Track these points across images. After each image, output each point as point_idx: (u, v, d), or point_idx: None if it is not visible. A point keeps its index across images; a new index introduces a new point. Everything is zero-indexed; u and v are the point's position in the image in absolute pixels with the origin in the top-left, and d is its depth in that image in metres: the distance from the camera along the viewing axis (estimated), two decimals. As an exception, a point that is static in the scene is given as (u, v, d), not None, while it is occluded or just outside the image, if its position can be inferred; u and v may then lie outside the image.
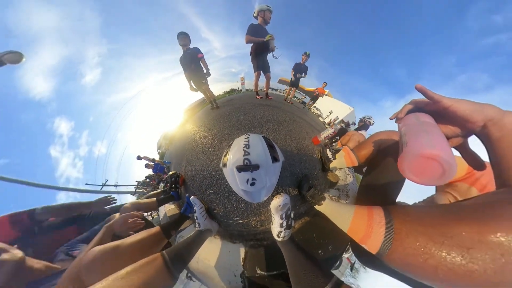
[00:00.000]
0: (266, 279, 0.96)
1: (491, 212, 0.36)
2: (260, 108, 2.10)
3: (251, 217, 1.09)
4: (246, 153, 0.78)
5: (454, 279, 0.36)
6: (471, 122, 0.47)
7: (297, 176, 1.18)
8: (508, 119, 0.44)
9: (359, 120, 2.81)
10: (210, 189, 1.21)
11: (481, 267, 0.33)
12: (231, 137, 1.52)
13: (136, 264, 0.61)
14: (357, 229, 0.60)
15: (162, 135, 2.52)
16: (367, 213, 0.59)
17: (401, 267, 0.45)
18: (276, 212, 0.84)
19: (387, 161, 0.81)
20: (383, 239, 0.49)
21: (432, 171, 0.41)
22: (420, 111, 0.54)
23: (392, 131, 0.94)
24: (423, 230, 0.43)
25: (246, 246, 1.09)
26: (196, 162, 1.47)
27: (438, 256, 0.38)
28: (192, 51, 2.65)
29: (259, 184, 0.75)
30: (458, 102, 0.48)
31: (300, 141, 1.50)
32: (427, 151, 0.40)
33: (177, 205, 1.51)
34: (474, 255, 0.34)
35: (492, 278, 0.32)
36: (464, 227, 0.37)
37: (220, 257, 1.11)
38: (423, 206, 0.51)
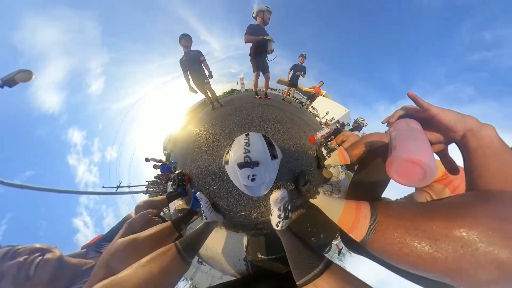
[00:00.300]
0: (266, 262, 1.06)
1: (457, 211, 0.41)
2: (259, 107, 2.14)
3: (252, 210, 1.18)
4: (247, 151, 0.82)
5: (421, 264, 0.42)
6: (453, 131, 0.51)
7: (294, 172, 1.25)
8: (485, 132, 0.48)
9: (354, 121, 2.88)
10: (214, 185, 1.29)
11: (443, 255, 0.38)
12: (232, 136, 1.56)
13: (154, 253, 0.70)
14: (346, 221, 0.65)
15: (167, 137, 2.57)
16: (355, 207, 0.64)
17: (381, 253, 0.51)
18: (275, 204, 0.90)
19: (377, 162, 0.86)
20: (367, 230, 0.54)
21: (415, 174, 0.44)
22: (410, 117, 0.58)
23: (383, 133, 0.98)
24: (402, 223, 0.47)
25: (248, 235, 1.18)
26: (200, 161, 1.54)
27: (411, 245, 0.43)
28: (195, 54, 2.68)
29: (259, 180, 0.80)
30: (444, 112, 0.51)
31: (297, 139, 1.56)
32: (413, 157, 0.43)
33: (185, 200, 1.59)
34: (439, 245, 0.39)
35: (450, 265, 0.37)
36: (435, 223, 0.42)
37: (225, 244, 1.20)
38: (404, 203, 0.57)
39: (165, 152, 2.38)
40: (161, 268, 0.65)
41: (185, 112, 2.89)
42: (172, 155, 2.21)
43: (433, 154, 0.47)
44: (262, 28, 2.51)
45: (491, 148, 0.47)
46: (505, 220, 0.36)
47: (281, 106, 2.48)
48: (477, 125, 0.49)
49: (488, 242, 0.35)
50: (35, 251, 0.80)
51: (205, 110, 2.65)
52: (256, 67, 2.65)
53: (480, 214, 0.38)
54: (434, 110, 0.52)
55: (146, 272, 0.62)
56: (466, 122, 0.49)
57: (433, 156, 0.46)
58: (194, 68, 2.70)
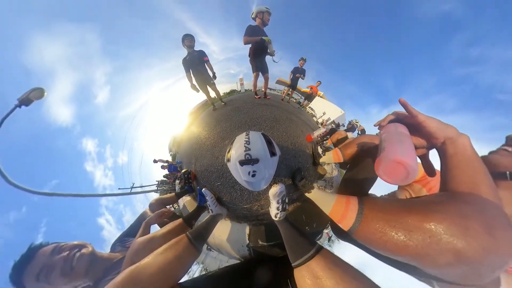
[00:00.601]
0: (266, 248, 1.16)
1: (430, 208, 0.46)
2: (259, 107, 2.19)
3: (253, 203, 1.27)
4: (247, 148, 0.85)
5: (396, 250, 0.47)
6: (435, 138, 0.55)
7: (291, 169, 1.33)
8: (461, 141, 0.52)
9: (348, 122, 2.95)
10: (217, 181, 1.37)
11: (414, 243, 0.44)
12: (233, 135, 1.61)
13: (169, 243, 0.79)
14: (336, 213, 0.70)
15: (172, 138, 2.61)
16: (345, 201, 0.68)
17: (364, 241, 0.56)
18: (273, 198, 0.96)
19: (367, 161, 0.91)
20: (354, 221, 0.59)
21: (400, 174, 0.47)
22: (399, 122, 0.61)
23: (374, 136, 1.04)
24: (384, 216, 0.52)
25: (250, 225, 1.28)
26: (204, 160, 1.61)
27: (389, 235, 0.48)
28: (198, 54, 2.69)
29: (259, 176, 0.85)
30: (429, 120, 0.55)
31: (295, 138, 1.63)
32: (399, 158, 0.46)
33: (192, 196, 1.66)
34: (412, 235, 0.44)
35: (419, 251, 0.43)
36: (410, 217, 0.47)
37: (230, 233, 1.31)
38: (387, 199, 0.62)
39: (171, 153, 2.43)
40: (176, 255, 0.74)
41: (187, 114, 2.90)
42: (177, 155, 2.27)
43: (416, 157, 0.51)
44: (261, 29, 2.48)
45: (465, 156, 0.52)
46: (467, 217, 0.41)
47: (280, 106, 2.52)
48: (455, 134, 0.53)
49: (450, 234, 0.40)
50: (74, 247, 0.94)
51: (206, 111, 2.68)
52: (255, 68, 2.66)
53: (448, 212, 0.43)
54: (421, 117, 0.56)
55: (164, 258, 0.72)
56: (447, 131, 0.54)
57: (416, 158, 0.50)
58: (197, 68, 2.70)
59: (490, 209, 0.44)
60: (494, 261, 0.40)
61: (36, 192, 1.13)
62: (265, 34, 2.48)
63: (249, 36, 2.38)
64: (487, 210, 0.43)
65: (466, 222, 0.40)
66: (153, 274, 0.67)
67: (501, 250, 0.38)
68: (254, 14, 2.49)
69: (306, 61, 3.47)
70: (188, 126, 2.57)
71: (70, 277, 0.88)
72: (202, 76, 2.76)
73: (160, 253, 0.74)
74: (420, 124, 0.56)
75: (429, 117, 0.56)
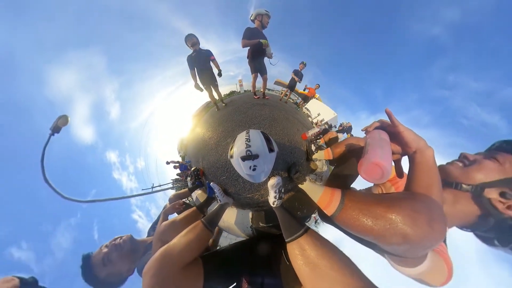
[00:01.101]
0: (265, 228, 1.33)
1: (394, 202, 0.55)
2: (258, 107, 2.26)
3: (254, 192, 1.42)
4: (248, 146, 0.91)
5: (363, 232, 0.57)
6: (409, 147, 0.63)
7: (287, 163, 1.46)
8: (428, 152, 0.62)
9: (340, 124, 3.04)
10: (223, 175, 1.51)
11: (378, 228, 0.53)
12: (234, 133, 1.69)
13: (189, 227, 0.96)
14: (323, 201, 0.78)
15: (180, 141, 2.69)
16: (330, 192, 0.76)
17: (342, 224, 0.66)
18: (271, 188, 1.06)
19: (352, 160, 1.01)
20: (336, 209, 0.67)
21: (376, 174, 0.54)
22: (383, 129, 0.68)
23: (361, 138, 1.11)
24: (359, 206, 0.61)
25: (252, 211, 1.45)
26: (210, 157, 1.73)
27: (361, 220, 0.57)
28: (205, 53, 2.62)
29: (259, 169, 0.93)
30: (407, 131, 0.64)
31: (291, 136, 1.74)
32: (378, 161, 0.53)
33: (202, 190, 1.80)
34: (377, 222, 0.53)
35: (379, 233, 0.53)
36: (379, 208, 0.55)
37: (236, 218, 1.49)
38: (363, 193, 0.71)
39: (180, 154, 2.54)
40: (195, 236, 0.92)
41: (191, 116, 2.89)
42: (186, 155, 2.37)
43: (391, 161, 0.57)
44: (259, 31, 2.45)
45: (428, 165, 0.62)
46: (417, 212, 0.51)
47: (278, 106, 2.58)
48: (424, 146, 0.63)
49: (404, 223, 0.50)
50: (118, 238, 1.28)
51: (208, 113, 2.69)
52: (254, 69, 2.64)
53: (405, 207, 0.53)
54: (401, 128, 0.64)
55: (187, 239, 0.89)
56: (419, 143, 0.63)
57: (391, 162, 0.57)
58: (203, 66, 2.62)
59: (434, 208, 0.54)
60: (427, 244, 0.51)
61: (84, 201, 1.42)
62: (264, 36, 2.45)
63: (247, 39, 2.36)
64: (432, 208, 0.54)
65: (416, 215, 0.51)
66: (181, 251, 0.84)
67: (434, 237, 0.50)
68: (253, 16, 2.46)
69: (306, 65, 3.45)
70: (193, 128, 2.62)
71: (123, 256, 1.22)
72: (208, 76, 2.70)
73: (183, 235, 0.91)
74: (399, 133, 0.65)
75: (407, 128, 0.64)
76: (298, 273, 0.76)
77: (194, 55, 2.59)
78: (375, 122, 0.71)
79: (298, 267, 0.75)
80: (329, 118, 2.99)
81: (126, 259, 1.23)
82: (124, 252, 1.23)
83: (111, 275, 1.18)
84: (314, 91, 3.13)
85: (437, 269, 0.68)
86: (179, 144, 2.65)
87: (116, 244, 1.23)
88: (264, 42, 2.31)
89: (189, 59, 2.61)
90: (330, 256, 0.71)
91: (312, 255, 0.73)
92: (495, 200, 0.67)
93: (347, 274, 0.65)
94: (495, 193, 0.67)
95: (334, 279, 0.64)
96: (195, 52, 2.59)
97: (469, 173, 0.72)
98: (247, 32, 2.36)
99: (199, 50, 2.61)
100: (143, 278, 0.76)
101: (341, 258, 0.71)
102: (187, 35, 2.57)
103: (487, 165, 0.70)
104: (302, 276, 0.74)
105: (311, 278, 0.70)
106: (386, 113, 0.66)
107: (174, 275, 0.78)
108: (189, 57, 2.61)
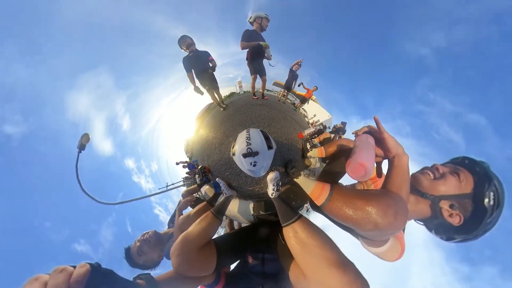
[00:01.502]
0: (265, 216, 1.48)
1: (372, 198, 0.64)
2: (258, 107, 2.34)
3: (255, 186, 1.56)
4: (248, 143, 0.99)
5: (344, 220, 0.66)
6: (390, 152, 0.72)
7: (284, 159, 1.58)
8: (404, 158, 0.72)
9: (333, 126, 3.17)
10: (227, 171, 1.64)
11: (356, 217, 0.62)
12: (235, 132, 1.69)
13: (201, 217, 1.11)
14: (314, 193, 0.86)
15: (186, 142, 2.66)
16: (321, 186, 0.84)
17: (328, 213, 0.76)
18: (270, 182, 1.16)
19: (341, 159, 1.09)
20: (325, 200, 0.76)
21: (360, 173, 0.61)
22: (370, 134, 0.75)
23: (351, 140, 1.19)
24: (344, 199, 0.69)
25: (253, 201, 1.59)
26: (214, 156, 1.84)
27: (344, 210, 0.66)
28: (203, 53, 2.47)
29: (259, 165, 1.02)
30: (390, 138, 0.72)
31: (288, 134, 1.84)
32: (362, 162, 0.60)
33: (209, 185, 1.87)
34: (356, 213, 0.63)
35: (357, 222, 0.62)
36: (360, 201, 0.64)
37: (240, 207, 1.64)
38: (349, 188, 0.82)
39: (187, 154, 2.63)
40: (207, 224, 1.08)
41: (194, 119, 2.94)
42: (193, 155, 2.41)
43: (374, 163, 0.65)
44: (258, 34, 2.42)
45: (402, 169, 0.72)
46: (388, 206, 0.60)
47: (276, 106, 2.64)
48: (402, 153, 0.73)
49: (376, 215, 0.59)
50: (145, 234, 1.53)
51: (210, 115, 2.70)
52: (253, 71, 2.61)
53: (380, 202, 0.62)
54: (385, 135, 0.73)
55: (200, 227, 1.05)
56: (398, 149, 0.72)
57: (373, 163, 0.65)
58: (203, 67, 2.46)
59: (401, 205, 0.65)
60: (392, 231, 0.63)
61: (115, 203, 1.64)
62: (263, 39, 2.42)
63: (246, 41, 2.33)
64: (399, 205, 0.65)
65: (387, 209, 0.60)
66: (196, 236, 1.00)
67: (397, 227, 0.62)
68: (252, 18, 2.41)
69: (301, 65, 3.34)
70: (196, 130, 2.67)
71: (151, 247, 1.49)
72: (207, 78, 2.54)
73: (197, 223, 1.08)
74: (383, 139, 0.74)
75: (391, 136, 0.73)
76: (291, 250, 0.88)
77: (191, 55, 2.40)
78: (364, 127, 0.79)
79: (291, 246, 0.88)
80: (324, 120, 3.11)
81: (154, 249, 1.51)
82: (152, 244, 1.50)
83: (147, 261, 1.49)
84: (311, 92, 3.22)
85: (394, 249, 0.85)
86: (185, 145, 2.76)
87: (144, 239, 1.51)
88: (264, 44, 2.29)
89: (186, 61, 2.41)
90: (317, 238, 0.82)
91: (303, 237, 0.85)
92: (444, 209, 0.82)
93: (328, 251, 0.77)
94: (446, 204, 0.81)
95: (318, 254, 0.77)
96: (192, 52, 2.40)
97: (435, 186, 0.84)
98: (246, 34, 2.33)
99: (196, 51, 2.43)
100: (170, 259, 0.93)
101: (325, 239, 0.83)
102: (181, 37, 2.38)
103: (450, 181, 0.82)
104: (294, 252, 0.87)
105: (302, 253, 0.83)
106: (374, 120, 0.74)
107: (193, 255, 0.94)
108: (186, 59, 2.41)
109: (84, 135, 1.54)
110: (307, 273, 0.79)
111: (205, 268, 0.98)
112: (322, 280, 0.72)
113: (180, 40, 2.39)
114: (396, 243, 0.85)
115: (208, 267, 0.99)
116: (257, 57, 2.52)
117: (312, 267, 0.77)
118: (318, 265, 0.75)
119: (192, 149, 2.56)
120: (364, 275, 0.71)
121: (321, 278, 0.73)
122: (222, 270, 1.20)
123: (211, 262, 1.00)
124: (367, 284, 0.69)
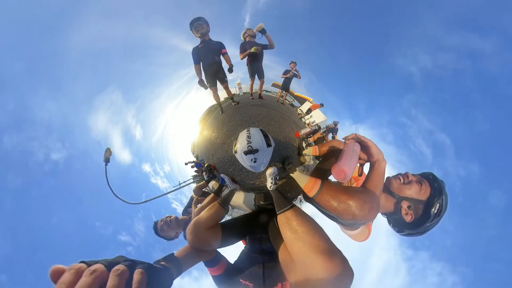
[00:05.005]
0: (264, 205, 1.63)
1: (353, 193, 0.76)
2: (257, 108, 2.45)
3: (256, 180, 1.70)
4: (249, 141, 1.06)
5: (330, 210, 0.79)
6: (372, 158, 0.84)
7: (282, 156, 1.69)
8: (382, 163, 0.85)
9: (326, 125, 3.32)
10: (230, 168, 1.77)
11: (339, 208, 0.76)
12: (236, 131, 1.81)
13: (209, 206, 1.26)
14: (307, 187, 0.95)
15: (192, 143, 2.82)
16: (313, 181, 0.93)
17: (318, 204, 0.87)
18: (269, 176, 1.26)
19: (332, 159, 1.16)
20: (315, 193, 0.86)
21: (341, 176, 0.73)
22: (358, 141, 0.88)
23: (342, 142, 1.15)
24: (331, 193, 0.80)
25: (254, 193, 1.75)
26: (218, 154, 1.96)
27: (330, 202, 0.78)
28: (216, 44, 2.19)
29: (259, 161, 1.10)
30: (373, 146, 0.84)
31: (286, 133, 1.94)
32: (344, 169, 0.72)
33: (216, 180, 2.01)
34: (339, 205, 0.75)
35: (340, 212, 0.75)
36: (343, 195, 0.76)
37: (243, 198, 1.80)
38: (336, 184, 0.94)
39: (194, 155, 2.81)
40: (213, 211, 1.23)
41: (197, 122, 3.07)
42: (199, 155, 2.59)
43: (355, 167, 0.77)
44: (250, 42, 2.56)
45: (379, 172, 0.83)
46: (365, 202, 0.72)
47: (275, 106, 2.75)
48: (382, 159, 0.84)
49: (355, 207, 0.70)
50: (168, 217, 2.02)
51: (212, 117, 2.78)
52: (251, 73, 2.74)
53: (359, 197, 0.73)
54: (370, 143, 0.86)
55: (209, 213, 1.21)
56: (379, 155, 0.84)
57: (354, 169, 0.77)
58: (212, 60, 2.19)
59: (375, 201, 0.76)
60: (365, 221, 0.76)
61: (141, 202, 1.88)
62: (255, 44, 2.52)
63: (241, 53, 2.56)
64: (374, 200, 0.75)
65: (363, 203, 0.71)
66: (205, 220, 1.18)
67: (369, 218, 0.73)
68: (242, 36, 2.63)
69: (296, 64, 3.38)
70: (200, 131, 2.79)
71: (170, 228, 1.95)
72: (215, 71, 2.27)
73: (206, 211, 1.24)
74: (368, 147, 0.87)
75: (374, 144, 0.86)
76: (283, 236, 0.95)
77: (201, 46, 2.14)
78: (353, 134, 0.90)
79: (283, 231, 0.95)
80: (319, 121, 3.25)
81: (172, 229, 2.00)
82: (172, 226, 1.99)
83: (166, 236, 2.01)
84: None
85: (363, 232, 1.05)
86: (191, 146, 2.95)
87: (166, 221, 2.00)
88: (254, 49, 2.37)
89: (195, 52, 2.15)
90: (307, 225, 0.88)
91: (294, 224, 0.91)
92: (403, 208, 0.97)
93: (317, 238, 0.81)
94: (406, 204, 0.96)
95: (307, 240, 0.82)
96: (203, 43, 2.14)
97: (403, 188, 0.99)
98: (240, 47, 2.62)
99: (209, 40, 2.16)
100: (186, 236, 1.14)
101: (316, 227, 0.88)
102: (194, 20, 2.02)
103: (414, 188, 0.97)
104: (285, 237, 0.93)
105: (292, 239, 0.88)
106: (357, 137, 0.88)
107: (202, 233, 1.13)
108: (195, 49, 2.15)
109: (107, 150, 1.70)
110: (295, 257, 0.83)
111: (212, 243, 1.16)
112: (308, 265, 0.75)
113: (193, 24, 2.03)
114: (365, 229, 1.05)
115: (215, 243, 1.17)
116: (254, 61, 2.69)
117: (300, 252, 0.80)
118: (306, 251, 0.77)
119: (198, 149, 2.73)
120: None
121: (307, 263, 0.75)
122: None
123: (217, 239, 1.18)
124: (351, 272, 0.69)
